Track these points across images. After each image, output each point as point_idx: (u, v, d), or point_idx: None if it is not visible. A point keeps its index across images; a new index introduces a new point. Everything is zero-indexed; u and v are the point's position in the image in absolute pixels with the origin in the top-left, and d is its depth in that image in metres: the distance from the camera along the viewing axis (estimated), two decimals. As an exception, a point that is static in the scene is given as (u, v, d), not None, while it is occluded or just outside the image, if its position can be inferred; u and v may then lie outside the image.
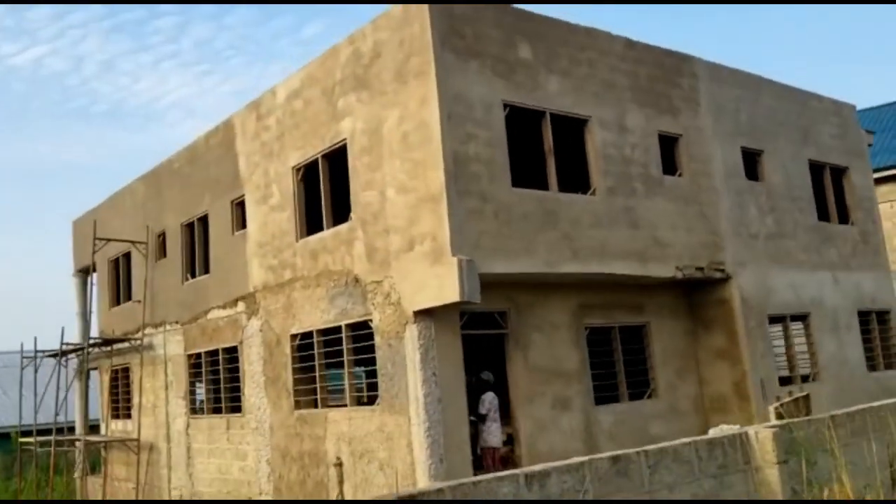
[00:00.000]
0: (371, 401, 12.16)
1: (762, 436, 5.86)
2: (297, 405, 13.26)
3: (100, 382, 20.87)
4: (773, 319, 14.95)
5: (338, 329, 12.43)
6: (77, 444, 21.47)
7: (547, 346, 12.32)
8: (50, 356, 20.91)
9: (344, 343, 12.27)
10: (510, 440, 12.06)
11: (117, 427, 19.84)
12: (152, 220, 18.42)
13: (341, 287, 12.33)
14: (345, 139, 12.37)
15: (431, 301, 10.59)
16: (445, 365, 10.93)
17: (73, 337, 22.08)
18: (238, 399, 15.11)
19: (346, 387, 12.27)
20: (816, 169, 16.79)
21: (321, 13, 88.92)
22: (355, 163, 12.11)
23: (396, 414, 11.12)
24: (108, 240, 18.52)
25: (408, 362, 10.96)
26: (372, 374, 12.13)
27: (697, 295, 14.54)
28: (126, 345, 18.96)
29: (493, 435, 11.91)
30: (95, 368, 21.03)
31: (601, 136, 12.55)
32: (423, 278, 10.69)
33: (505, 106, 11.40)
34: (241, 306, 14.94)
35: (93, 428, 22.41)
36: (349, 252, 12.18)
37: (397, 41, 11.36)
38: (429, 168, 10.68)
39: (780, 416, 8.86)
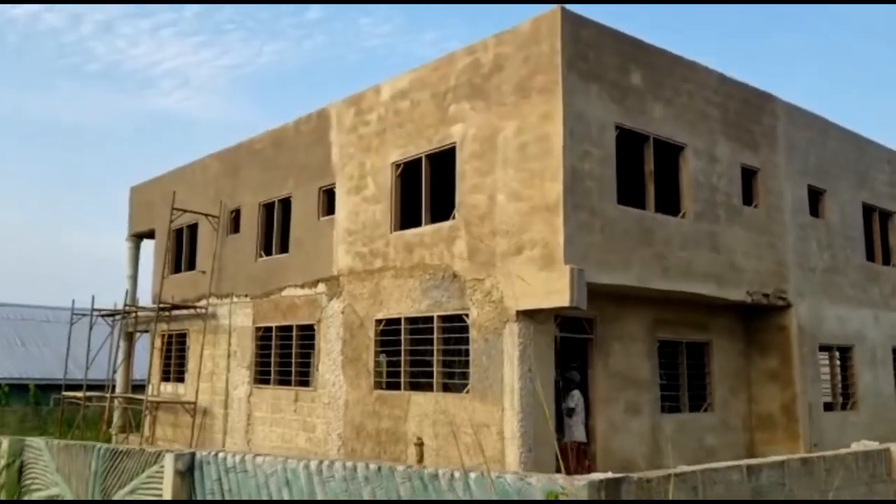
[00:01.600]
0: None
1: (903, 453, 6.74)
2: (378, 385, 14.03)
3: (150, 346, 21.50)
4: (822, 348, 15.86)
5: (429, 319, 13.21)
6: (116, 401, 22.17)
7: (624, 354, 13.17)
8: (106, 315, 21.58)
9: (435, 333, 13.05)
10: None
11: (166, 390, 20.51)
12: (226, 196, 19.11)
13: (437, 280, 13.10)
14: (454, 143, 13.14)
15: (538, 303, 11.40)
16: (540, 362, 11.76)
17: (120, 299, 22.79)
18: (309, 374, 15.87)
19: (435, 372, 13.04)
20: (867, 211, 17.73)
21: None
22: (464, 166, 12.88)
23: (489, 403, 11.93)
24: (185, 210, 19.17)
25: (505, 357, 11.76)
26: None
27: (755, 319, 15.41)
28: (186, 311, 19.64)
29: (579, 430, 12.72)
30: (146, 331, 21.65)
31: (694, 163, 13.39)
32: (530, 281, 11.47)
33: (616, 127, 12.22)
34: (321, 287, 15.68)
35: (134, 389, 23.12)
36: (449, 249, 12.95)
37: (522, 57, 12.14)
38: (546, 179, 11.47)
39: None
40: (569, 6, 11.78)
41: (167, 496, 6.66)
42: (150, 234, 23.10)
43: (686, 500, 4.65)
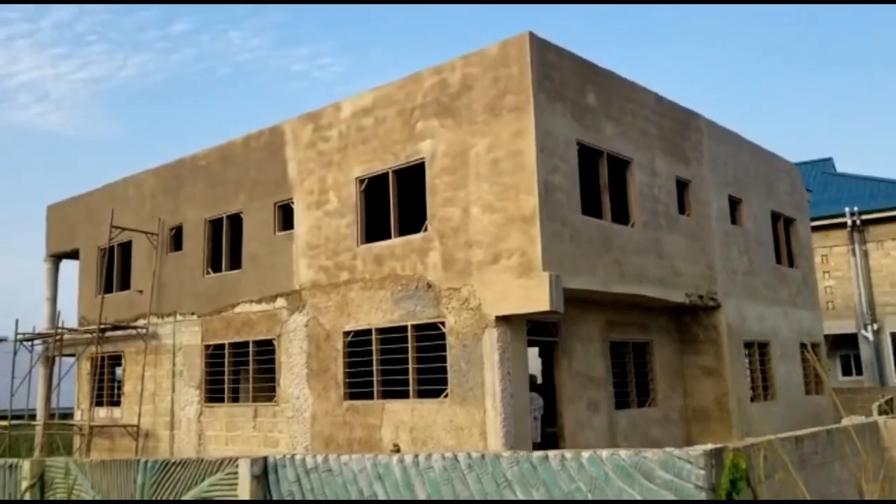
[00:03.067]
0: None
1: (890, 424, 7.84)
2: (348, 396, 14.37)
3: (78, 369, 20.80)
4: (745, 345, 17.39)
5: (402, 328, 13.70)
6: (37, 427, 21.32)
7: (584, 355, 14.11)
8: (28, 339, 20.73)
9: (409, 341, 13.55)
10: (554, 437, 13.69)
11: (99, 414, 19.91)
12: (165, 213, 18.87)
13: (409, 291, 13.62)
14: (423, 158, 13.73)
15: (516, 309, 12.14)
16: (516, 365, 12.50)
17: (40, 322, 21.97)
18: (268, 389, 15.96)
19: (410, 380, 13.53)
20: (774, 219, 19.56)
21: (190, 12, 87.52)
22: (434, 181, 13.49)
23: (470, 406, 12.54)
24: (124, 228, 18.77)
25: (485, 361, 12.43)
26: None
27: (686, 319, 16.75)
28: (120, 333, 19.19)
29: (537, 431, 13.52)
30: (70, 355, 20.94)
31: (639, 176, 14.54)
32: (508, 289, 12.21)
33: (577, 143, 13.17)
34: (280, 302, 15.84)
35: (63, 416, 22.23)
36: (422, 260, 13.51)
37: (491, 78, 12.91)
38: (521, 192, 12.26)
39: (882, 412, 10.99)
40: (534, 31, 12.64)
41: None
42: (72, 254, 22.35)
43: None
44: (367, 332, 14.22)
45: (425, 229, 13.63)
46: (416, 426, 13.23)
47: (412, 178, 14.24)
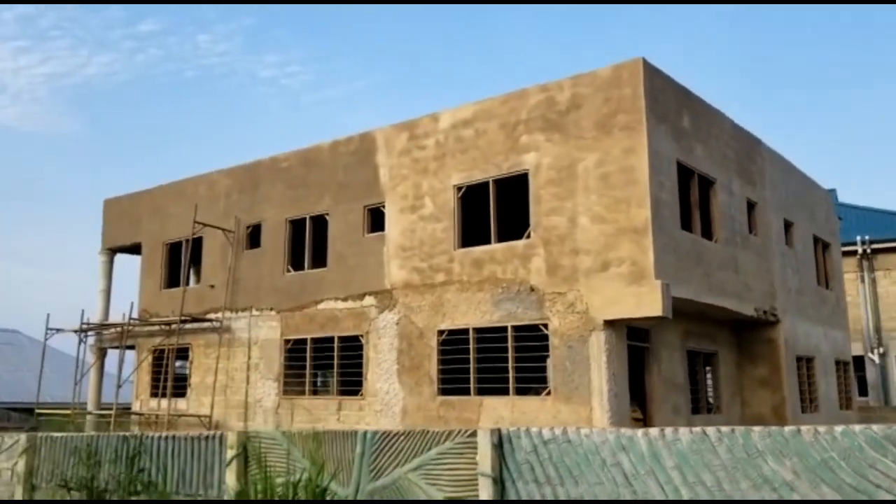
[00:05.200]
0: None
1: None
2: (442, 392, 15.11)
3: (137, 360, 21.20)
4: (796, 359, 18.49)
5: (501, 329, 14.52)
6: (88, 417, 21.68)
7: (669, 362, 15.05)
8: (90, 331, 21.08)
9: (509, 341, 14.37)
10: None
11: (161, 405, 20.32)
12: (241, 212, 19.47)
13: (511, 293, 14.46)
14: (526, 169, 14.62)
15: (627, 314, 13.05)
16: (619, 367, 13.40)
17: (94, 314, 22.36)
18: (353, 383, 16.63)
19: (510, 378, 14.33)
20: (815, 242, 20.78)
21: (158, 12, 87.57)
22: (539, 191, 14.38)
23: (574, 404, 13.39)
24: (206, 225, 19.31)
25: (591, 362, 13.30)
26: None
27: (746, 333, 17.80)
28: (186, 325, 19.67)
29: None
30: (130, 347, 21.33)
31: (721, 195, 15.59)
32: (618, 295, 13.12)
33: (677, 163, 14.17)
34: (369, 300, 16.56)
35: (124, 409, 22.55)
36: (524, 265, 14.36)
37: (601, 98, 13.86)
38: (632, 206, 13.20)
39: None
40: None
41: (483, 468, 7.65)
42: (130, 249, 22.79)
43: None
44: (464, 331, 14.99)
45: (528, 236, 14.48)
46: (516, 421, 14.00)
47: (512, 187, 15.10)
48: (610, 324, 13.32)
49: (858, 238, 29.84)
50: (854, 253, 30.16)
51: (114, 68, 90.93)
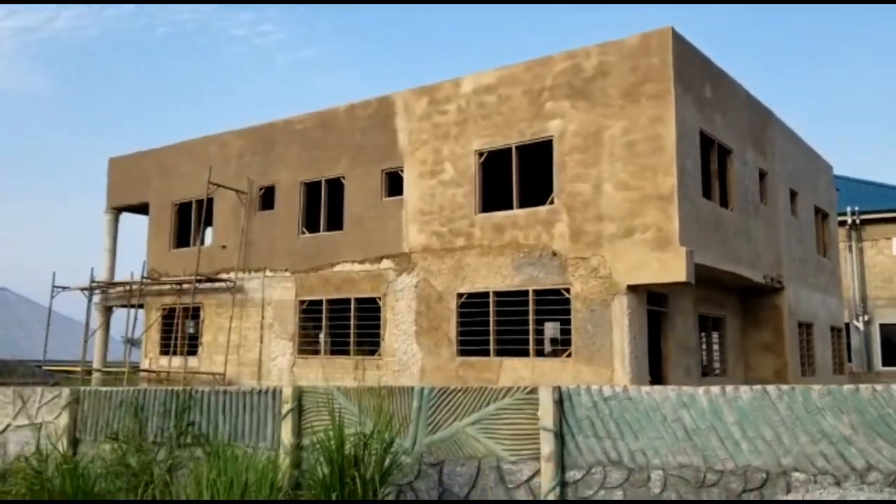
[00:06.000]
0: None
1: None
2: (461, 353, 15.45)
3: (147, 320, 21.30)
4: (798, 325, 19.06)
5: (522, 293, 14.84)
6: (95, 374, 21.80)
7: (682, 326, 15.48)
8: (98, 289, 21.11)
9: (530, 305, 14.70)
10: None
11: (173, 363, 20.49)
12: (254, 174, 19.51)
13: (532, 258, 14.76)
14: (551, 136, 14.83)
15: (651, 279, 13.41)
16: (640, 330, 13.79)
17: (100, 273, 22.37)
18: (369, 343, 16.92)
19: (531, 339, 14.69)
20: (815, 212, 21.27)
21: None
22: (564, 158, 14.62)
23: (596, 365, 13.79)
24: (220, 185, 19.34)
25: (614, 325, 13.68)
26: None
27: (751, 300, 18.29)
28: (197, 285, 19.77)
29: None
30: (140, 306, 21.40)
31: (737, 165, 15.93)
32: (643, 260, 13.46)
33: (700, 132, 14.46)
34: (386, 263, 16.79)
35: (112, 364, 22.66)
36: (547, 230, 14.64)
37: (629, 66, 14.06)
38: (658, 173, 13.49)
39: None
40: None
41: (545, 423, 7.98)
42: (136, 208, 22.76)
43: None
44: (484, 294, 15.29)
45: (551, 202, 14.74)
46: (537, 381, 14.38)
47: (534, 154, 15.31)
48: (632, 289, 13.68)
49: (848, 209, 30.45)
50: (843, 223, 30.84)
51: (83, 22, 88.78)
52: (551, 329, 18.70)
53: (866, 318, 30.62)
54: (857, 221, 30.65)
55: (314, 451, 9.06)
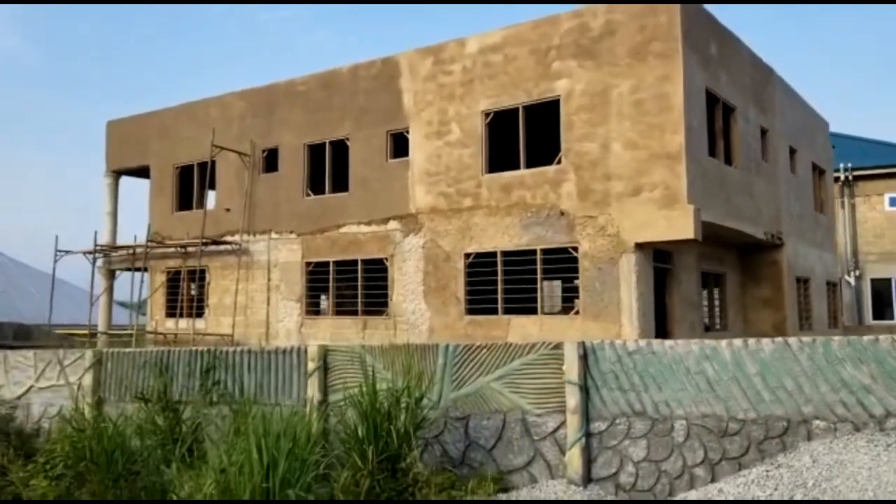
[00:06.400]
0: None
1: None
2: (469, 311, 15.69)
3: (151, 283, 21.40)
4: (796, 280, 19.41)
5: (530, 252, 15.04)
6: (101, 336, 21.95)
7: (686, 282, 15.76)
8: (103, 252, 21.18)
9: (538, 264, 14.92)
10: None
11: (180, 325, 20.65)
12: (256, 136, 19.49)
13: (540, 218, 14.93)
14: (557, 95, 14.91)
15: (658, 236, 13.64)
16: (647, 287, 14.06)
17: (102, 236, 22.39)
18: (377, 304, 17.14)
19: (539, 297, 14.93)
20: (813, 169, 21.51)
21: None
22: (571, 117, 14.71)
23: (603, 321, 14.06)
24: (223, 148, 19.32)
25: (621, 282, 13.93)
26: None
27: (751, 256, 18.58)
28: (203, 248, 19.87)
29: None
30: (144, 269, 21.48)
31: (740, 122, 16.09)
32: (650, 218, 13.67)
33: (706, 91, 14.57)
34: (393, 224, 16.93)
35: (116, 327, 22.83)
36: (555, 190, 14.80)
37: (636, 25, 14.11)
38: (666, 132, 13.63)
39: None
40: (680, -15, 13.85)
41: (570, 377, 8.24)
42: (137, 172, 22.72)
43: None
44: (492, 254, 15.49)
45: (559, 161, 14.88)
46: (545, 338, 14.63)
47: (541, 113, 15.40)
48: (640, 246, 13.91)
49: (841, 165, 30.71)
50: (837, 179, 31.13)
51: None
52: (552, 288, 18.98)
53: (857, 273, 31.07)
54: (850, 178, 30.91)
55: (340, 407, 9.32)
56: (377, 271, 17.28)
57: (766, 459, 7.27)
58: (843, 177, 30.86)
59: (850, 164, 30.89)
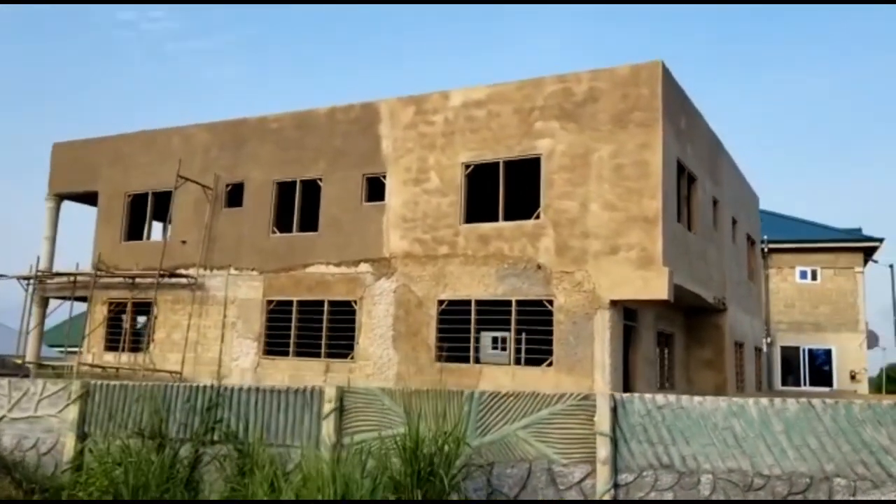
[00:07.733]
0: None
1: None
2: (441, 358, 15.86)
3: (90, 314, 20.51)
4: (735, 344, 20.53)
5: (505, 303, 15.42)
6: (32, 368, 20.85)
7: (646, 340, 16.47)
8: (45, 278, 20.23)
9: (512, 314, 15.30)
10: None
11: (118, 360, 19.85)
12: (221, 169, 19.25)
13: (517, 270, 15.37)
14: (539, 154, 15.52)
15: (634, 295, 14.28)
16: (617, 343, 14.64)
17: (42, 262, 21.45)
18: (342, 346, 17.06)
19: (511, 348, 15.27)
20: (747, 239, 22.95)
21: None
22: (552, 176, 15.32)
23: (577, 375, 14.52)
24: (188, 179, 18.92)
25: (596, 337, 14.46)
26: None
27: (695, 319, 19.57)
28: (149, 280, 19.30)
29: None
30: (83, 299, 20.62)
31: (699, 192, 17.11)
32: (626, 278, 14.31)
33: (677, 161, 15.50)
34: (364, 267, 17.00)
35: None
36: (532, 244, 15.30)
37: (619, 94, 14.93)
38: (644, 196, 14.39)
39: None
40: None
41: (602, 428, 8.52)
42: (82, 197, 21.93)
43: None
44: (466, 302, 15.77)
45: (537, 216, 15.41)
46: (517, 389, 14.96)
47: (522, 169, 15.95)
48: (613, 303, 14.51)
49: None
50: (753, 251, 33.15)
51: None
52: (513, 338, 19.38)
53: (769, 339, 32.95)
54: (766, 250, 33.00)
55: (357, 450, 9.29)
56: (344, 313, 17.23)
57: (788, 513, 7.74)
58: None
59: (765, 237, 33.00)
